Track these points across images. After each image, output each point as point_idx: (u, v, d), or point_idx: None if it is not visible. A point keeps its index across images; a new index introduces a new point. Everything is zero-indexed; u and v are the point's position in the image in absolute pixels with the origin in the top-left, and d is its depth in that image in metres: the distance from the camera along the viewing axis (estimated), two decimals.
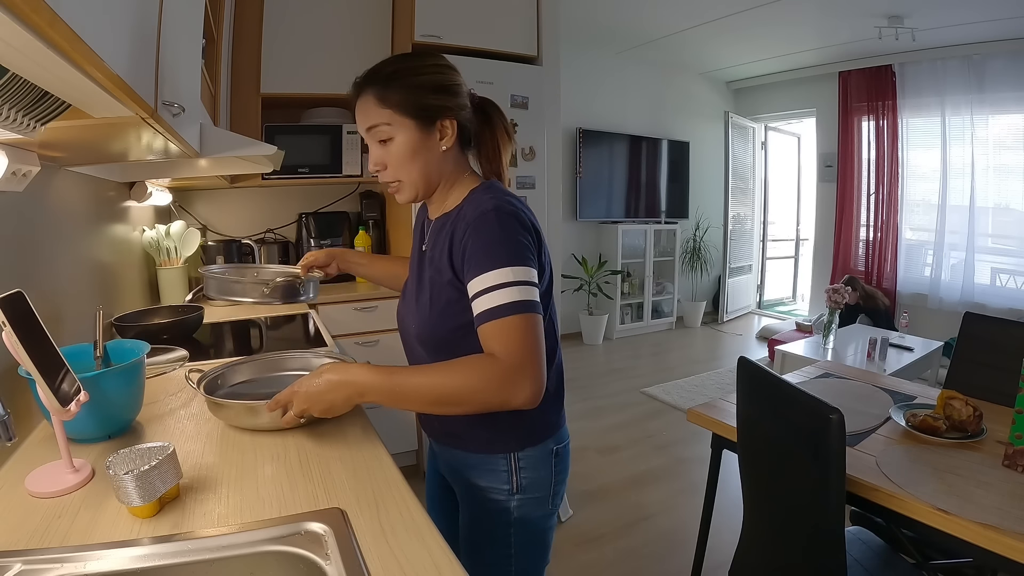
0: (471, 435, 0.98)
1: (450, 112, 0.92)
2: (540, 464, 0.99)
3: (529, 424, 0.96)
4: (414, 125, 0.89)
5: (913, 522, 1.09)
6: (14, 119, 0.62)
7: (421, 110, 0.89)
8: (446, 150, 0.93)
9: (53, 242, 1.25)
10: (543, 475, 0.99)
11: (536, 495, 0.99)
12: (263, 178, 2.48)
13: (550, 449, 0.99)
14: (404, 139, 0.90)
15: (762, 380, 1.26)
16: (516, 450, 0.97)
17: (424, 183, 0.94)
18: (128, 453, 0.74)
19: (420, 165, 0.91)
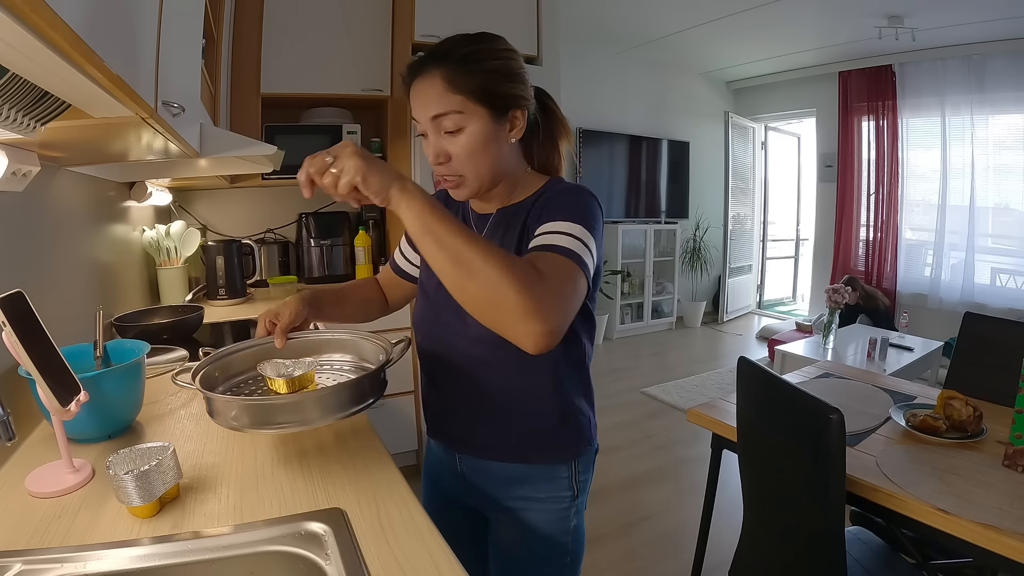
0: (535, 448, 0.92)
1: (523, 102, 0.84)
2: (588, 465, 0.98)
3: (586, 426, 0.95)
4: (488, 115, 0.81)
5: (913, 522, 1.09)
6: (14, 119, 0.62)
7: (497, 98, 0.81)
8: (513, 143, 0.86)
9: (53, 242, 1.25)
10: (590, 475, 0.99)
11: (583, 497, 0.98)
12: (263, 178, 2.48)
13: (595, 448, 0.99)
14: (477, 129, 0.80)
15: (762, 380, 1.26)
16: (576, 457, 0.94)
17: (490, 177, 0.85)
18: (128, 453, 0.74)
19: (490, 159, 0.83)
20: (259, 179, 2.47)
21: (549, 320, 0.65)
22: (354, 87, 2.55)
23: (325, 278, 2.74)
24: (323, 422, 0.78)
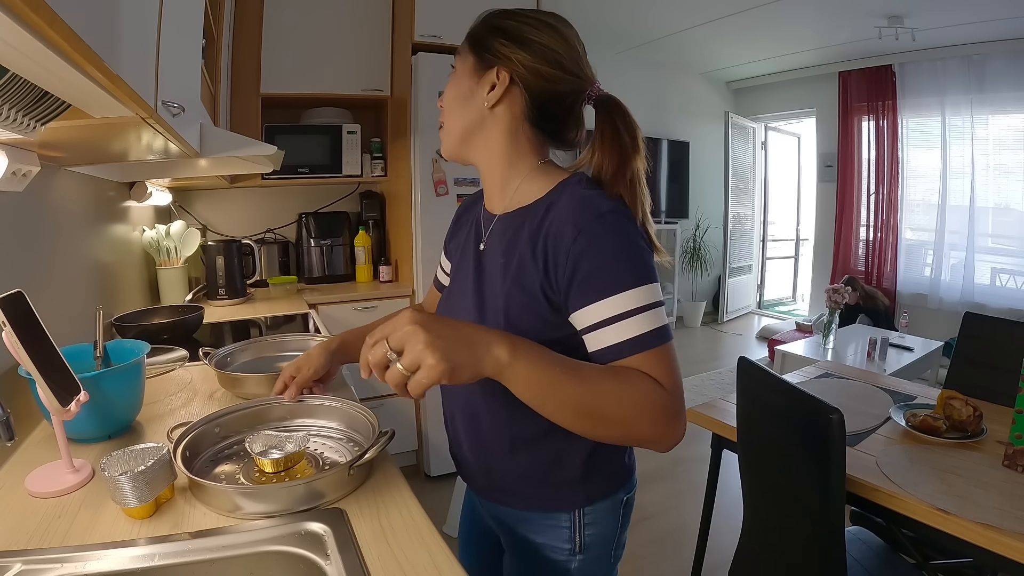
0: (530, 492, 0.81)
1: (510, 64, 0.74)
2: (606, 518, 0.82)
3: (602, 473, 0.81)
4: (472, 63, 0.78)
5: (913, 522, 1.09)
6: (14, 119, 0.62)
7: (483, 49, 0.77)
8: (494, 107, 0.76)
9: (53, 242, 1.25)
10: (608, 529, 0.83)
11: (599, 552, 0.83)
12: (263, 178, 2.48)
13: (620, 499, 0.83)
14: (459, 74, 0.79)
15: (762, 380, 1.26)
16: (583, 505, 0.80)
17: (457, 135, 0.79)
18: (122, 454, 0.74)
19: (460, 112, 0.78)
20: (259, 179, 2.47)
21: (681, 426, 0.64)
22: (354, 87, 2.55)
23: (325, 278, 2.74)
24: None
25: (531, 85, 0.75)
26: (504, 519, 0.87)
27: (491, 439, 0.82)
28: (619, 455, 0.83)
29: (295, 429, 0.98)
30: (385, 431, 0.84)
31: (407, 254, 2.55)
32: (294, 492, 0.73)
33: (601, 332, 0.66)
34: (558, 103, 0.78)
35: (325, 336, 1.51)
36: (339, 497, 0.76)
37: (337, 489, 0.76)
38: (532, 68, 0.75)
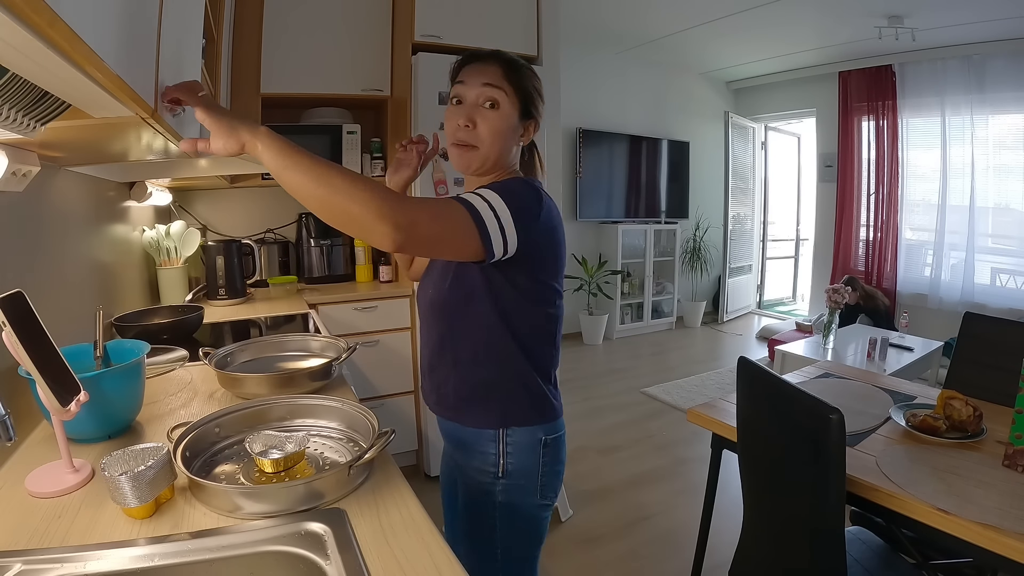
0: (464, 408, 1.03)
1: (539, 117, 1.05)
2: (526, 450, 1.01)
3: (519, 402, 1.01)
4: (517, 111, 1.00)
5: (913, 522, 1.09)
6: (14, 119, 0.62)
7: (529, 104, 1.02)
8: (517, 147, 1.05)
9: (53, 242, 1.25)
10: (529, 463, 1.02)
11: (521, 482, 1.02)
12: (263, 178, 2.48)
13: (538, 438, 1.02)
14: (507, 115, 0.99)
15: (762, 380, 1.26)
16: (503, 426, 1.00)
17: (495, 158, 1.01)
18: (122, 454, 0.74)
19: (503, 143, 1.00)
20: (259, 179, 2.47)
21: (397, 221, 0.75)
22: (354, 87, 2.55)
23: (325, 278, 2.74)
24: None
25: (537, 130, 1.06)
26: (450, 435, 1.10)
27: (439, 359, 1.05)
28: (542, 393, 1.02)
29: (295, 429, 0.98)
30: (385, 431, 0.84)
31: None
32: (294, 492, 0.73)
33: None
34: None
35: (325, 336, 1.51)
36: (339, 497, 0.76)
37: (337, 489, 0.76)
38: (538, 124, 1.06)
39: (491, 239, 0.86)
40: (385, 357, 2.50)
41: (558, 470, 1.06)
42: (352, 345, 1.36)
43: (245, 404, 0.99)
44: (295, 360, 1.41)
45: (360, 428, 0.94)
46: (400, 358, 2.54)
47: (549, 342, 1.04)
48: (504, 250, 0.88)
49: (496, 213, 0.87)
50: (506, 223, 0.87)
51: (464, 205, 0.86)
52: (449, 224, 0.84)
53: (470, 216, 0.85)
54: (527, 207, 0.91)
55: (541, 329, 1.02)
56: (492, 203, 0.87)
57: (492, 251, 0.87)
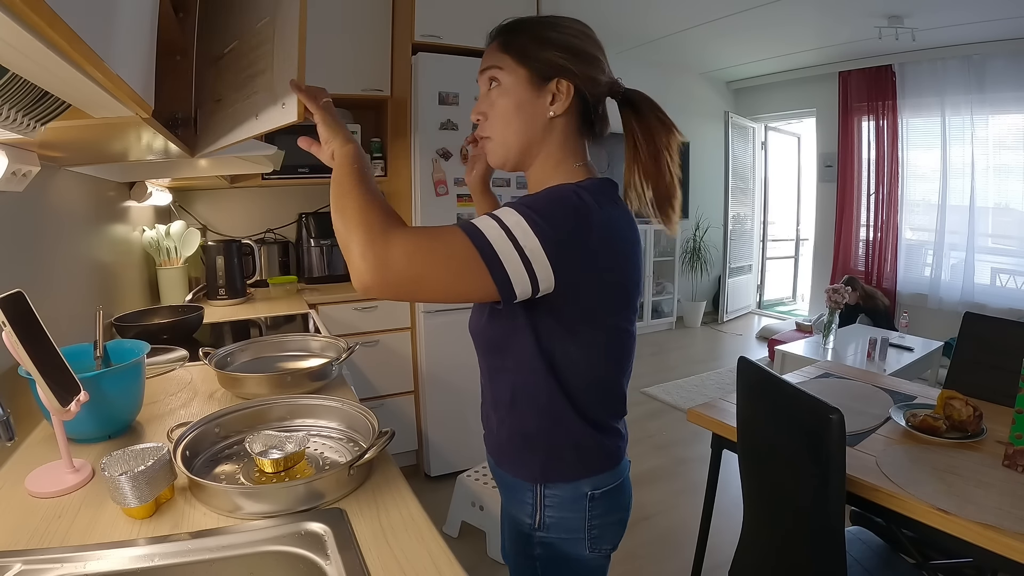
0: (505, 453, 0.89)
1: (571, 75, 0.79)
2: (568, 505, 0.84)
3: (562, 457, 0.83)
4: (526, 75, 0.79)
5: (913, 522, 1.09)
6: (14, 119, 0.62)
7: (537, 61, 0.79)
8: (554, 117, 0.80)
9: (53, 242, 1.25)
10: (572, 518, 0.84)
11: (564, 536, 0.85)
12: (263, 178, 2.48)
13: (583, 492, 0.83)
14: (511, 86, 0.80)
15: (762, 380, 1.26)
16: (539, 481, 0.84)
17: (517, 147, 0.81)
18: (122, 454, 0.74)
19: (519, 124, 0.80)
20: (259, 179, 2.47)
21: (373, 269, 0.64)
22: (354, 87, 2.55)
23: (325, 278, 2.74)
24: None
25: (584, 87, 0.80)
26: (499, 480, 0.94)
27: (485, 394, 0.91)
28: (592, 446, 0.84)
29: (295, 429, 0.98)
30: (385, 431, 0.84)
31: None
32: (294, 492, 0.74)
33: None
34: (599, 104, 0.84)
35: (325, 336, 1.51)
36: (339, 497, 0.76)
37: (337, 489, 0.76)
38: (587, 77, 0.80)
39: (507, 274, 0.67)
40: (385, 357, 2.50)
41: (613, 520, 0.88)
42: (352, 345, 1.36)
43: (245, 404, 0.99)
44: (295, 360, 1.41)
45: (360, 428, 0.94)
46: (400, 358, 2.54)
47: (611, 390, 0.85)
48: (533, 288, 0.69)
49: (516, 240, 0.67)
50: (533, 253, 0.67)
51: (468, 232, 0.67)
52: (437, 259, 0.65)
53: (473, 247, 0.66)
54: (566, 228, 0.70)
55: (596, 380, 0.82)
56: (510, 227, 0.67)
57: (511, 291, 0.68)
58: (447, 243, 0.67)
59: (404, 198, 2.52)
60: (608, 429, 0.86)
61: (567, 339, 0.78)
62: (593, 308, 0.77)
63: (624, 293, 0.80)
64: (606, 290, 0.77)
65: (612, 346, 0.82)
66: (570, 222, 0.71)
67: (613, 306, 0.79)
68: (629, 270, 0.80)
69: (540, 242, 0.68)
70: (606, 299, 0.78)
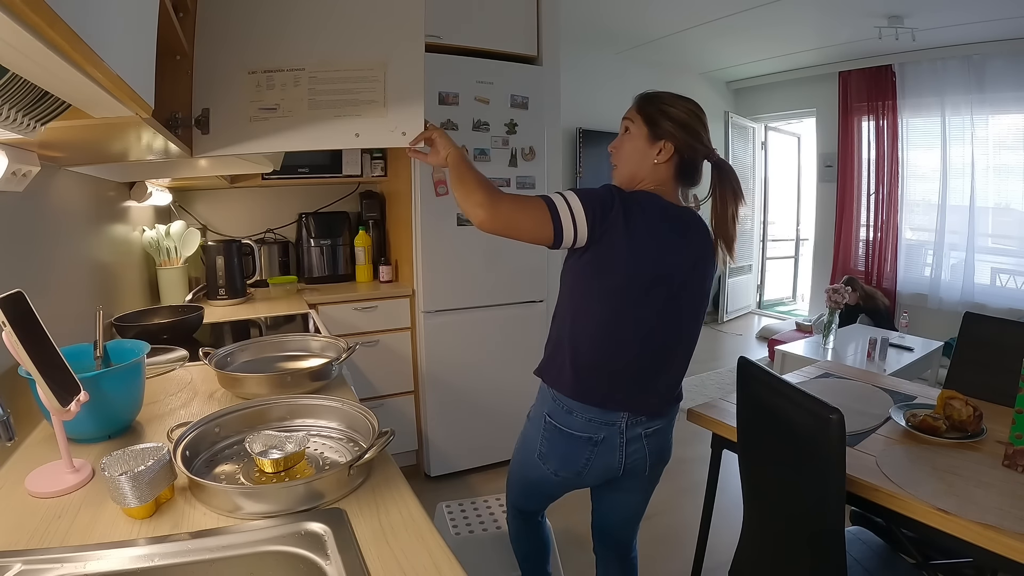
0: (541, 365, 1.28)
1: (673, 139, 1.17)
2: (537, 417, 1.25)
3: (557, 375, 1.21)
4: (645, 133, 1.19)
5: (913, 522, 1.09)
6: (14, 119, 0.62)
7: (655, 126, 1.18)
8: (657, 164, 1.18)
9: (53, 242, 1.25)
10: (534, 429, 1.26)
11: (531, 433, 1.27)
12: (263, 178, 2.48)
13: (542, 413, 1.23)
14: (635, 135, 1.20)
15: (762, 380, 1.26)
16: (552, 386, 1.22)
17: (628, 176, 1.21)
18: (122, 454, 0.74)
19: (633, 162, 1.20)
20: (259, 179, 2.47)
21: (487, 203, 1.09)
22: None
23: (325, 278, 2.74)
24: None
25: (683, 153, 1.20)
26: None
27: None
28: (575, 372, 1.18)
29: (295, 429, 0.98)
30: (385, 431, 0.84)
31: (407, 254, 2.55)
32: (294, 492, 0.74)
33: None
34: (694, 162, 1.23)
35: (325, 336, 1.51)
36: (339, 497, 0.76)
37: (337, 489, 0.76)
38: (685, 143, 1.19)
39: (561, 224, 1.08)
40: (385, 357, 2.50)
41: (554, 452, 1.23)
42: (352, 345, 1.36)
43: (245, 404, 0.99)
44: (295, 360, 1.41)
45: (360, 428, 0.94)
46: (400, 358, 2.54)
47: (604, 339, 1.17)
48: (574, 235, 1.09)
49: (569, 205, 1.09)
50: (577, 213, 1.08)
51: (544, 200, 1.10)
52: (527, 212, 1.09)
53: (546, 207, 1.09)
54: (597, 202, 1.10)
55: (608, 309, 1.15)
56: (567, 197, 1.10)
57: (562, 236, 1.09)
58: (532, 204, 1.11)
59: (404, 198, 2.52)
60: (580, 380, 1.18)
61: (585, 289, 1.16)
62: (606, 267, 1.12)
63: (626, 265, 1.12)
64: (617, 257, 1.11)
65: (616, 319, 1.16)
66: (602, 204, 1.11)
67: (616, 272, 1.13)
68: (640, 252, 1.13)
69: (583, 209, 1.09)
70: (616, 264, 1.12)
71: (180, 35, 1.06)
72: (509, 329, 2.60)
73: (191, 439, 0.86)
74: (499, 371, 2.57)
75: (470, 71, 2.37)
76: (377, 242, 2.84)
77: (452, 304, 2.46)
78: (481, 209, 1.08)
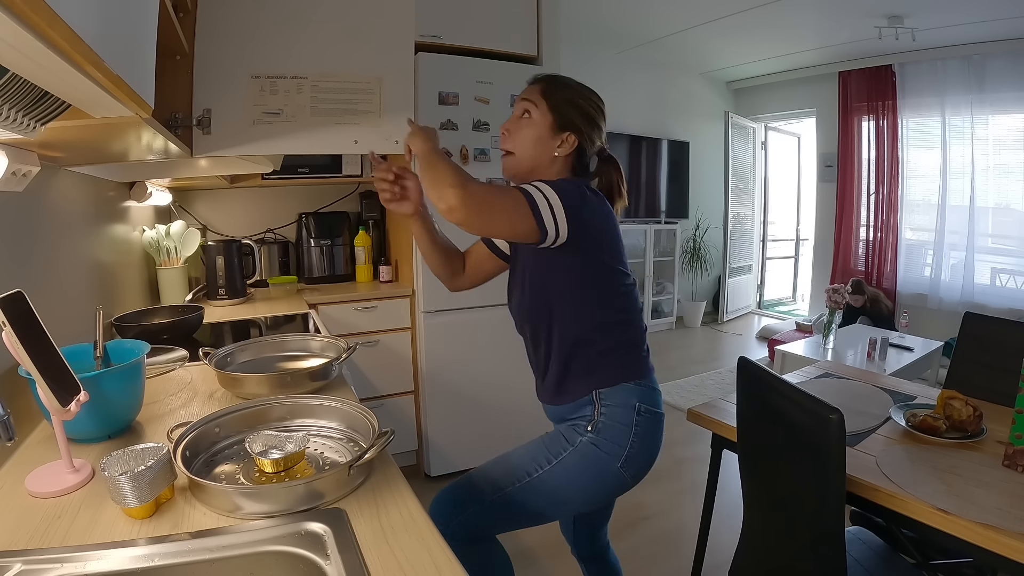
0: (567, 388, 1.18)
1: (579, 133, 1.15)
2: (618, 411, 1.13)
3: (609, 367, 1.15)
4: (550, 121, 1.13)
5: (913, 522, 1.09)
6: (14, 119, 0.62)
7: (562, 116, 1.13)
8: (557, 156, 1.15)
9: (53, 242, 1.25)
10: (619, 424, 1.13)
11: (608, 444, 1.14)
12: (263, 178, 2.48)
13: (632, 403, 1.14)
14: (537, 124, 1.13)
15: (762, 380, 1.26)
16: (596, 387, 1.13)
17: (527, 166, 1.15)
18: (122, 454, 0.74)
19: (534, 151, 1.14)
20: (259, 179, 2.47)
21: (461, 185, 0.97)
22: None
23: (325, 278, 2.74)
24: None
25: (584, 147, 1.17)
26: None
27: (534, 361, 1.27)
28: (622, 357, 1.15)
29: (295, 429, 0.98)
30: (385, 431, 0.84)
31: (407, 254, 2.55)
32: (294, 492, 0.73)
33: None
34: (589, 156, 1.20)
35: (325, 336, 1.51)
36: (339, 497, 0.76)
37: (337, 489, 0.76)
38: (588, 138, 1.17)
39: (543, 218, 1.01)
40: (385, 357, 2.50)
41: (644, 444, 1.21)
42: (352, 345, 1.36)
43: (245, 404, 0.99)
44: (295, 360, 1.41)
45: (360, 428, 0.94)
46: (400, 358, 2.54)
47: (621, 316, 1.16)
48: (556, 231, 1.02)
49: (547, 198, 1.02)
50: (556, 208, 1.01)
51: (520, 190, 1.03)
52: (504, 198, 1.00)
53: (524, 197, 1.01)
54: (573, 196, 1.04)
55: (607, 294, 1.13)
56: (543, 191, 1.03)
57: (546, 228, 1.01)
58: (508, 192, 1.02)
59: None
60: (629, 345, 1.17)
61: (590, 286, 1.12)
62: (600, 251, 1.10)
63: (617, 240, 1.13)
64: (606, 236, 1.10)
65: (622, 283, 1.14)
66: (574, 191, 1.06)
67: (614, 250, 1.12)
68: (616, 228, 1.14)
69: (562, 204, 1.02)
70: (606, 244, 1.11)
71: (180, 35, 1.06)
72: (509, 329, 2.58)
73: (191, 439, 0.86)
74: (499, 371, 2.57)
75: (470, 71, 2.37)
76: (377, 242, 2.84)
77: (452, 304, 2.46)
78: (453, 190, 0.97)
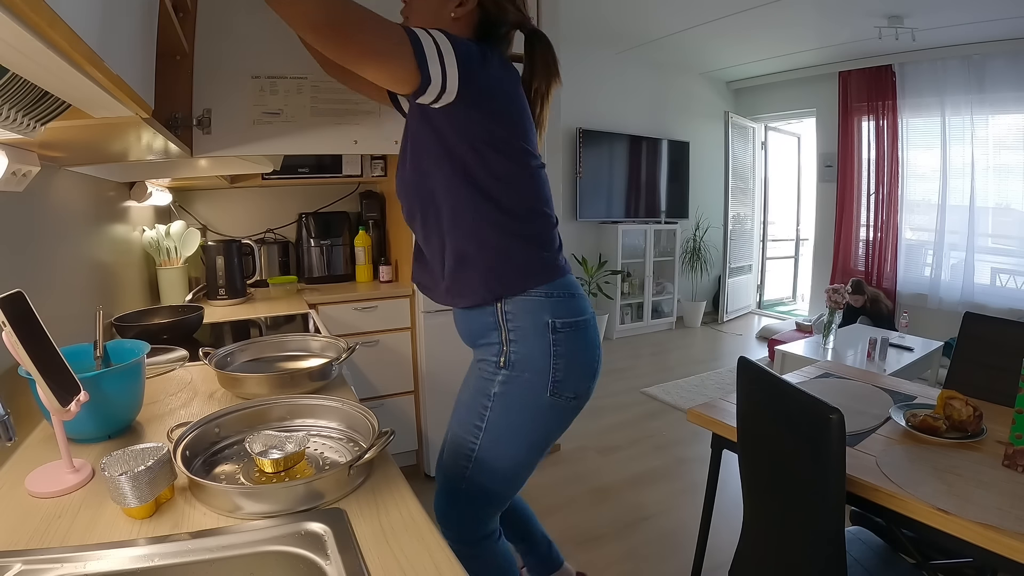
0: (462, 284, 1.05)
1: None
2: (532, 331, 1.01)
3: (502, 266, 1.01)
4: None
5: (913, 522, 1.09)
6: (14, 119, 0.62)
7: None
8: (455, 19, 1.00)
9: (53, 242, 1.25)
10: (536, 351, 1.01)
11: (529, 376, 1.02)
12: (263, 178, 2.48)
13: (544, 320, 1.01)
14: None
15: (762, 380, 1.26)
16: (498, 292, 1.00)
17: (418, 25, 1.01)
18: (122, 454, 0.74)
19: (428, 13, 1.00)
20: (259, 179, 2.47)
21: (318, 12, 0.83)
22: None
23: (325, 278, 2.74)
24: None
25: (489, 10, 1.01)
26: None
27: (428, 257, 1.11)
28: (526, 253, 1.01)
29: (295, 429, 0.98)
30: (385, 431, 0.84)
31: (407, 254, 2.55)
32: (294, 492, 0.73)
33: None
34: (501, 28, 1.04)
35: (325, 336, 1.51)
36: (339, 497, 0.76)
37: (337, 489, 0.76)
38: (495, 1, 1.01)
39: (426, 61, 0.87)
40: (385, 357, 2.50)
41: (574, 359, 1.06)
42: (352, 345, 1.36)
43: (245, 404, 0.99)
44: (295, 360, 1.41)
45: (360, 428, 0.94)
46: (400, 358, 2.54)
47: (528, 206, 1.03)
48: (442, 84, 0.89)
49: (437, 43, 0.88)
50: (447, 56, 0.88)
51: (405, 28, 0.88)
52: (384, 28, 0.85)
53: (407, 37, 0.86)
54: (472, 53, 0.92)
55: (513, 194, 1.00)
56: (435, 37, 0.89)
57: (429, 75, 0.87)
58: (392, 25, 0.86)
59: None
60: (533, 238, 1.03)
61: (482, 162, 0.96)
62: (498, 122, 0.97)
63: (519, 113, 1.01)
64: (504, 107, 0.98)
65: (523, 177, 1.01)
66: (475, 50, 0.93)
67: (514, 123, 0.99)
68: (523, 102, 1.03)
69: (455, 53, 0.89)
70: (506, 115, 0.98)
71: (180, 35, 1.06)
72: None
73: (191, 439, 0.86)
74: None
75: None
76: (377, 242, 2.84)
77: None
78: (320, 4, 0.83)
